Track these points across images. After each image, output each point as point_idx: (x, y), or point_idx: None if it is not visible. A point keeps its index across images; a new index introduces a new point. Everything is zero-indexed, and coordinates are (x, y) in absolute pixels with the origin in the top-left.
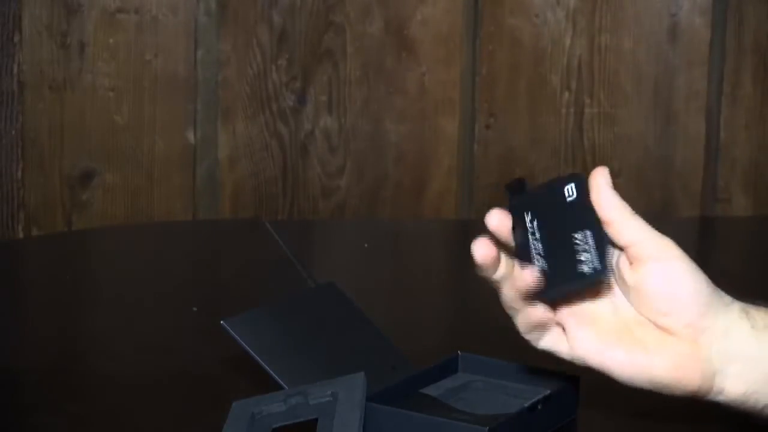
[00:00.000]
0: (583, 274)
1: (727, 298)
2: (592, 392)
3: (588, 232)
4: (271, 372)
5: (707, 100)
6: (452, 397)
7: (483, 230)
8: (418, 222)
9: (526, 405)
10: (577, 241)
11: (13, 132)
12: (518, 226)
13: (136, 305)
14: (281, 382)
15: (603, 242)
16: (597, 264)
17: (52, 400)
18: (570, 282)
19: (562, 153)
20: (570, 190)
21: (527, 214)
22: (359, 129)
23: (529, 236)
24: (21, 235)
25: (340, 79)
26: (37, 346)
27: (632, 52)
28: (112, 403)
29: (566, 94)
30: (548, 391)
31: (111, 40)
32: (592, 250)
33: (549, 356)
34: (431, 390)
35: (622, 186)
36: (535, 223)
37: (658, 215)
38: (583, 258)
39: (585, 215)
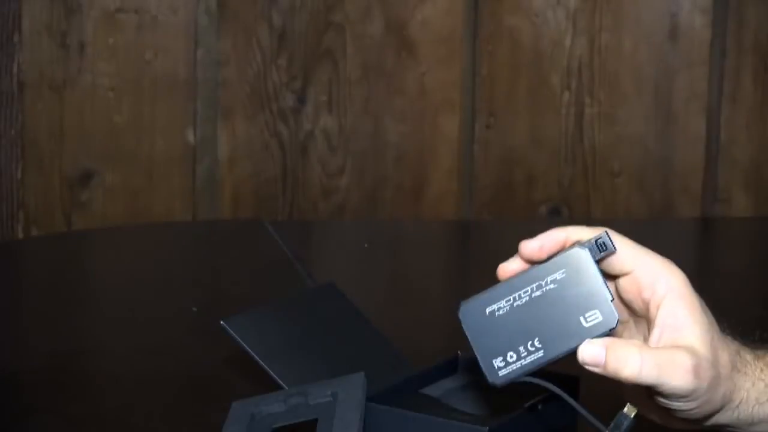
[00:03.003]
0: None
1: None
2: (592, 392)
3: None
4: (271, 372)
5: (707, 100)
6: (452, 397)
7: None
8: (418, 222)
9: (526, 405)
10: None
11: (13, 132)
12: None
13: (136, 305)
14: (281, 382)
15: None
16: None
17: (52, 401)
18: None
19: (562, 153)
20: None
21: None
22: (359, 129)
23: None
24: (21, 235)
25: (340, 79)
26: (37, 346)
27: (632, 52)
28: (112, 404)
29: (566, 94)
30: (548, 392)
31: (111, 40)
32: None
33: None
34: (431, 390)
35: (622, 186)
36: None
37: (658, 215)
38: None
39: None
